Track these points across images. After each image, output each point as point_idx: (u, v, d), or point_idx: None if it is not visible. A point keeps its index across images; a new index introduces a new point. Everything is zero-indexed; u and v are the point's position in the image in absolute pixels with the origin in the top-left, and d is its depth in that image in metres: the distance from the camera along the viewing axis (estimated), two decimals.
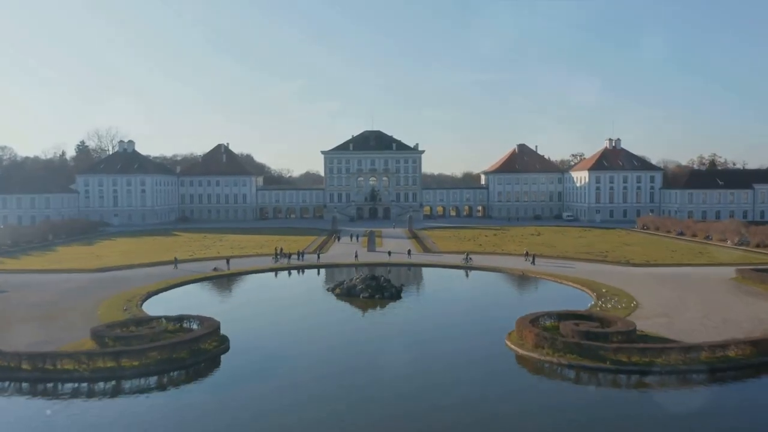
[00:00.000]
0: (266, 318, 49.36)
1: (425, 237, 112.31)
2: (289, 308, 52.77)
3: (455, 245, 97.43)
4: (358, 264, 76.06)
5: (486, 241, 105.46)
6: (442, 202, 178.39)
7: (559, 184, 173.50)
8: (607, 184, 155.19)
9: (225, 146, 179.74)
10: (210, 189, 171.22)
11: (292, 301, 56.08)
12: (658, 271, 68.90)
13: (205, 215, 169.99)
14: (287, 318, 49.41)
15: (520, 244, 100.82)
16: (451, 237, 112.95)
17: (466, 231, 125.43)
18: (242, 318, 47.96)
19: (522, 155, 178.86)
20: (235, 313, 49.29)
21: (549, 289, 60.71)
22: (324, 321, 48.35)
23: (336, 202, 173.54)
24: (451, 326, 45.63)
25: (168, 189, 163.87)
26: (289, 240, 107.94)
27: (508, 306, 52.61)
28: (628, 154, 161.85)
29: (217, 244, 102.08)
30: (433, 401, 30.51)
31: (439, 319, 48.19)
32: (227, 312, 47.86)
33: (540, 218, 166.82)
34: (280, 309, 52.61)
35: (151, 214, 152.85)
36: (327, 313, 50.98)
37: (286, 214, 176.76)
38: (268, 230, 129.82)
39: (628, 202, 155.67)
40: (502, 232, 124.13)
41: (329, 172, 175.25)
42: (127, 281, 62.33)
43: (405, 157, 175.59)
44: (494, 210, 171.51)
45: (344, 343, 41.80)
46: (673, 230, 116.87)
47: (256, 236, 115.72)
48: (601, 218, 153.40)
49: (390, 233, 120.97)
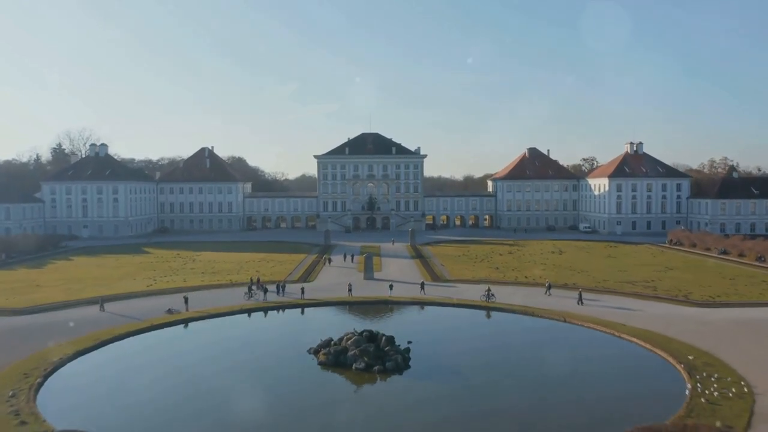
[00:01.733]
0: (208, 417, 32.55)
1: (431, 256, 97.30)
2: (247, 394, 35.93)
3: (469, 270, 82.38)
4: (352, 301, 61.03)
5: (503, 262, 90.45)
6: (445, 211, 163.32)
7: (574, 192, 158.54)
8: (629, 192, 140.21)
9: (209, 150, 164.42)
10: (192, 197, 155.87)
11: (256, 375, 39.73)
12: (737, 315, 53.90)
13: (186, 226, 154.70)
14: (238, 419, 32.29)
15: (543, 266, 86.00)
16: (462, 256, 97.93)
17: (477, 247, 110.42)
18: (172, 421, 32.74)
19: (533, 160, 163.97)
20: (164, 412, 33.80)
21: (610, 352, 44.30)
22: (296, 420, 32.45)
23: (330, 211, 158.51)
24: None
25: (144, 197, 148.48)
26: (274, 260, 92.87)
27: (567, 397, 34.92)
28: (651, 160, 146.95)
29: (188, 266, 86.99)
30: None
31: (472, 418, 32.93)
32: (154, 411, 33.41)
33: (554, 229, 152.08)
34: (231, 397, 35.36)
35: (124, 225, 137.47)
36: (302, 400, 34.94)
37: (275, 223, 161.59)
38: (252, 246, 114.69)
39: (652, 213, 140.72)
40: (517, 248, 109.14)
41: (323, 178, 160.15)
42: (44, 333, 47.19)
43: (406, 162, 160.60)
44: (503, 220, 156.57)
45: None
46: (714, 248, 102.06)
47: (238, 254, 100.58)
48: (622, 230, 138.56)
49: (390, 250, 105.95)
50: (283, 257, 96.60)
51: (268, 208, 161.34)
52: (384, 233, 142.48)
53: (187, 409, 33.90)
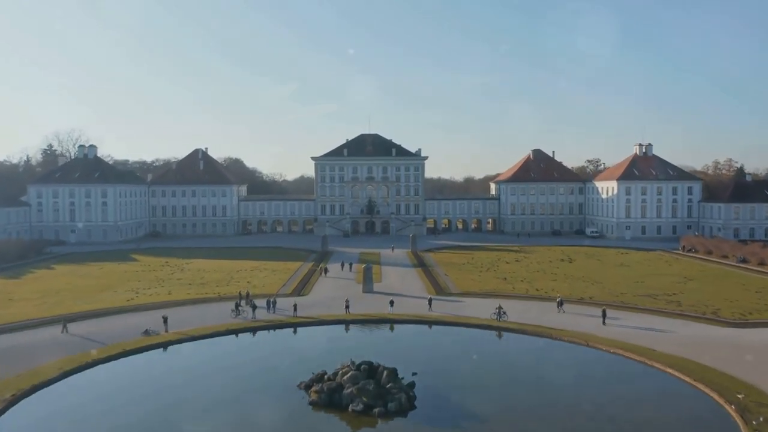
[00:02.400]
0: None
1: (434, 264, 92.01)
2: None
3: (475, 281, 77.04)
4: (350, 319, 55.70)
5: (510, 271, 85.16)
6: (447, 215, 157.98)
7: (580, 195, 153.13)
8: (638, 196, 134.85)
9: (203, 151, 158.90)
10: (185, 200, 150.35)
11: (236, 420, 33.56)
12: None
13: (179, 230, 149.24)
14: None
15: (553, 276, 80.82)
16: (466, 264, 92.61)
17: (482, 254, 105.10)
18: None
19: (537, 162, 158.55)
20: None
21: (645, 386, 38.42)
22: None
23: (328, 215, 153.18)
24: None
25: (135, 201, 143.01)
26: (267, 269, 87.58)
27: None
28: (661, 162, 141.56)
29: (176, 276, 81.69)
30: None
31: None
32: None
33: (559, 234, 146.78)
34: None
35: (113, 230, 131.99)
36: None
37: (272, 227, 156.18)
38: (245, 252, 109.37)
39: (662, 217, 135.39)
40: (524, 255, 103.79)
41: (320, 180, 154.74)
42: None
43: (406, 164, 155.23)
44: (507, 224, 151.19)
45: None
46: (731, 255, 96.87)
47: (229, 262, 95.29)
48: (631, 235, 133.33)
49: (390, 258, 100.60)
50: (277, 265, 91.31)
51: (264, 212, 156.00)
52: (384, 238, 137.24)
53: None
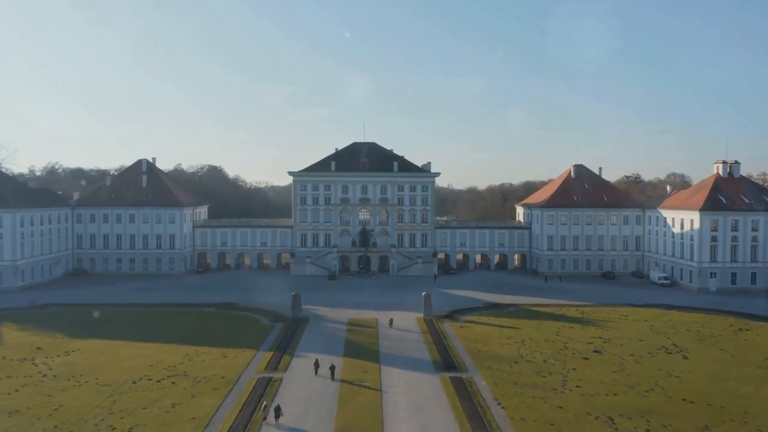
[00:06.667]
0: None
1: (465, 360, 56.59)
2: None
3: (552, 412, 41.30)
4: None
5: (595, 380, 49.46)
6: (463, 248, 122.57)
7: (637, 226, 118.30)
8: (727, 232, 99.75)
9: (148, 162, 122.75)
10: (120, 227, 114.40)
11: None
12: None
13: (112, 266, 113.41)
14: None
15: (669, 399, 45.28)
16: (517, 358, 56.82)
17: (531, 328, 69.46)
18: None
19: (580, 181, 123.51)
20: None
21: None
22: None
23: (310, 247, 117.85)
24: None
25: (51, 229, 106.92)
26: (189, 374, 51.75)
27: None
28: (752, 187, 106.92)
29: (22, 395, 45.74)
30: None
31: None
32: None
33: (612, 277, 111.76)
34: None
35: (10, 273, 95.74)
36: None
37: (236, 262, 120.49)
38: (182, 316, 73.73)
39: (758, 262, 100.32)
40: (599, 332, 68.20)
41: (300, 202, 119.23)
42: None
43: (411, 182, 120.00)
44: (542, 262, 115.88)
45: None
46: None
47: (140, 346, 59.52)
48: (717, 285, 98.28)
49: (393, 341, 65.17)
50: (209, 363, 55.61)
51: (227, 242, 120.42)
52: (382, 281, 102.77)
53: None
